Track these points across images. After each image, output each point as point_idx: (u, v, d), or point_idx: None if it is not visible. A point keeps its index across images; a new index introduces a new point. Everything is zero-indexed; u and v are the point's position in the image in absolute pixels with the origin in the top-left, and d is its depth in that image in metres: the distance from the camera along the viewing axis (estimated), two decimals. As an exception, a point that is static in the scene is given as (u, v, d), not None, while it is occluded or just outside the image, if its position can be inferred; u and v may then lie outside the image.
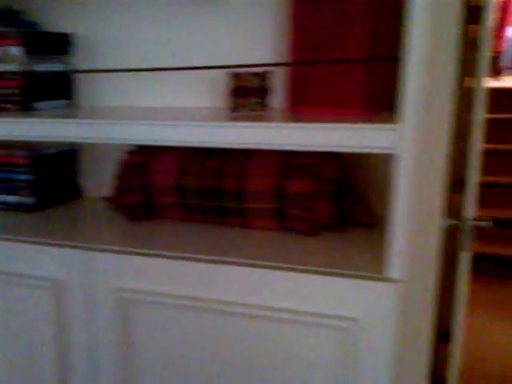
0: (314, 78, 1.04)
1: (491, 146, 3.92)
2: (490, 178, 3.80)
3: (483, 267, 3.61)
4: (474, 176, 2.09)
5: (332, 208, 1.08)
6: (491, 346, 2.76)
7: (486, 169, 3.89)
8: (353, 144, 0.86)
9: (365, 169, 1.27)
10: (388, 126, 0.82)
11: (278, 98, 1.16)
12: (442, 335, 2.13)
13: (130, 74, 1.37)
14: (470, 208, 2.11)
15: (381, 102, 1.01)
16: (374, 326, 0.88)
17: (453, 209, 2.45)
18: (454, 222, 2.29)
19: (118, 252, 1.08)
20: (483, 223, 2.28)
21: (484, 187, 3.82)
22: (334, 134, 0.86)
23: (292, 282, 0.93)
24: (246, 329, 0.98)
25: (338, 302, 0.90)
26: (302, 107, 1.09)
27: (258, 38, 1.18)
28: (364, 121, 0.87)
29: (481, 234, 3.73)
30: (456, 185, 2.45)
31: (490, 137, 3.98)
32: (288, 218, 1.08)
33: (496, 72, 5.07)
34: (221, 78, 1.28)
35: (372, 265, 0.94)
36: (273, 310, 0.95)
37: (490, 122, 4.01)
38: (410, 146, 0.82)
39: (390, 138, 0.83)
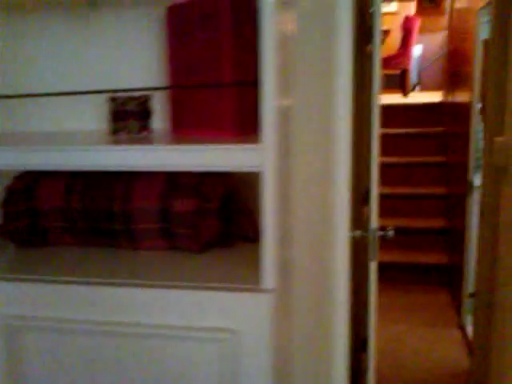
0: (192, 101, 1.08)
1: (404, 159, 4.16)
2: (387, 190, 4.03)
3: (398, 275, 3.80)
4: (375, 188, 2.21)
5: (219, 225, 1.12)
6: (411, 353, 2.88)
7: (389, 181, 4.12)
8: (222, 163, 0.90)
9: (252, 185, 1.32)
10: (250, 145, 0.88)
11: (161, 121, 1.19)
12: (360, 343, 2.22)
13: (20, 98, 1.35)
14: (375, 219, 2.23)
15: (254, 124, 1.07)
16: (252, 336, 0.92)
17: (359, 220, 2.58)
18: (361, 233, 2.41)
19: (3, 279, 1.06)
20: (389, 232, 2.42)
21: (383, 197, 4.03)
22: (204, 155, 0.90)
23: (175, 298, 0.95)
24: (130, 348, 0.99)
25: (218, 315, 0.93)
26: (183, 129, 1.13)
27: (141, 63, 1.21)
28: (235, 142, 0.92)
29: (398, 242, 3.93)
30: (361, 197, 2.59)
31: (397, 150, 4.22)
32: (176, 236, 1.11)
33: (404, 89, 5.41)
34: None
35: (252, 277, 0.98)
36: (155, 327, 0.96)
37: (398, 136, 4.26)
38: (272, 163, 0.88)
39: (254, 156, 0.88)
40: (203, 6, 1.02)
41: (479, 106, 2.88)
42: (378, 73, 2.03)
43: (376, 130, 2.13)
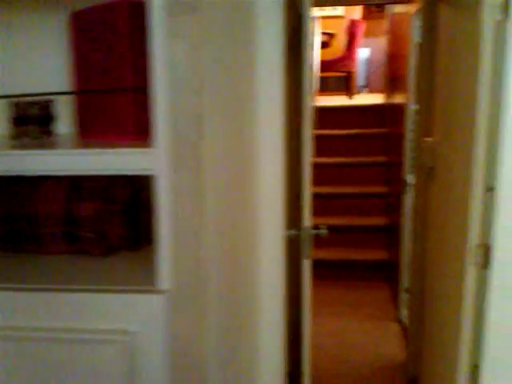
0: (96, 106, 1.09)
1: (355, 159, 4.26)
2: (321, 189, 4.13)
3: (342, 272, 3.89)
4: (308, 188, 2.27)
5: (125, 228, 1.13)
6: (352, 347, 2.96)
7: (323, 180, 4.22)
8: (116, 167, 0.92)
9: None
10: (142, 149, 0.90)
11: (69, 126, 1.20)
12: (295, 338, 2.27)
13: None
14: (307, 218, 2.29)
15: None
16: (148, 336, 0.94)
17: (293, 219, 2.63)
18: (294, 231, 2.46)
19: None
20: (322, 231, 2.48)
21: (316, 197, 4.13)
22: (98, 159, 0.92)
23: (73, 302, 0.96)
24: (31, 352, 0.99)
25: (115, 317, 0.95)
26: (90, 134, 1.14)
27: (47, 68, 1.21)
28: (132, 146, 0.94)
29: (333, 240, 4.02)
30: (294, 197, 2.64)
31: (340, 151, 4.32)
32: (80, 240, 1.12)
33: (350, 91, 5.53)
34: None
35: (150, 279, 1.00)
36: (54, 331, 0.97)
37: (341, 137, 4.37)
38: (165, 166, 0.90)
39: (147, 160, 0.90)
40: (104, 13, 1.03)
41: (414, 107, 2.99)
42: (307, 75, 2.08)
43: (308, 131, 2.17)
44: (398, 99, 3.54)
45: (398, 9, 3.71)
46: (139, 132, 1.05)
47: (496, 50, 1.54)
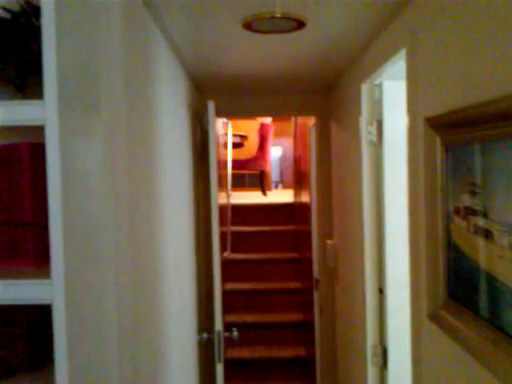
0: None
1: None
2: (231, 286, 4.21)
3: (259, 372, 3.85)
4: (218, 292, 2.32)
5: (27, 349, 1.12)
6: None
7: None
8: (12, 297, 0.94)
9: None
10: (39, 280, 0.93)
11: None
12: None
13: None
14: (219, 321, 2.31)
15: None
16: None
17: (206, 323, 2.63)
18: (207, 335, 2.46)
19: None
20: (234, 334, 2.50)
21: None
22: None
23: None
24: None
25: None
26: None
27: None
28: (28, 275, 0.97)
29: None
30: (206, 300, 2.67)
31: (253, 247, 4.45)
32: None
33: (264, 188, 5.82)
34: None
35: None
36: None
37: (254, 234, 4.52)
38: (62, 297, 0.94)
39: (45, 290, 0.93)
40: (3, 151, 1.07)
41: (316, 207, 3.20)
42: (213, 174, 2.21)
43: (216, 230, 2.26)
44: (304, 198, 3.78)
45: (300, 120, 4.08)
46: (38, 259, 1.08)
47: (374, 163, 1.76)
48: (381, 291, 1.79)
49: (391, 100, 1.63)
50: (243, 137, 5.56)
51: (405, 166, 1.32)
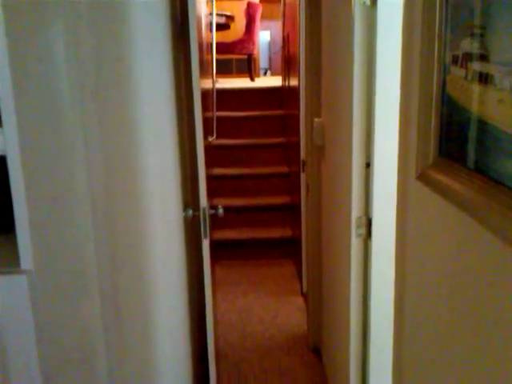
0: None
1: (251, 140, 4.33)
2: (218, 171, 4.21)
3: (248, 252, 3.99)
4: (203, 170, 2.29)
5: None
6: (257, 322, 3.06)
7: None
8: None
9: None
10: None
11: None
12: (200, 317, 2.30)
13: None
14: (204, 198, 2.31)
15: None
16: (14, 317, 0.92)
17: (192, 200, 2.64)
18: (193, 212, 2.47)
19: None
20: (219, 211, 2.51)
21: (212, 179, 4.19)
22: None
23: None
24: None
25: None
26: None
27: None
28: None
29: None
30: (191, 179, 2.65)
31: (242, 132, 4.39)
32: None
33: (252, 74, 5.60)
34: None
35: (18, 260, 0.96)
36: None
37: (241, 119, 4.42)
38: (15, 147, 0.88)
39: None
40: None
41: (304, 89, 3.09)
42: (195, 56, 2.08)
43: (199, 114, 2.18)
44: (292, 81, 3.64)
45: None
46: None
47: (366, 31, 1.64)
48: (368, 165, 1.76)
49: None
50: (229, 17, 5.23)
51: (400, 28, 1.22)
